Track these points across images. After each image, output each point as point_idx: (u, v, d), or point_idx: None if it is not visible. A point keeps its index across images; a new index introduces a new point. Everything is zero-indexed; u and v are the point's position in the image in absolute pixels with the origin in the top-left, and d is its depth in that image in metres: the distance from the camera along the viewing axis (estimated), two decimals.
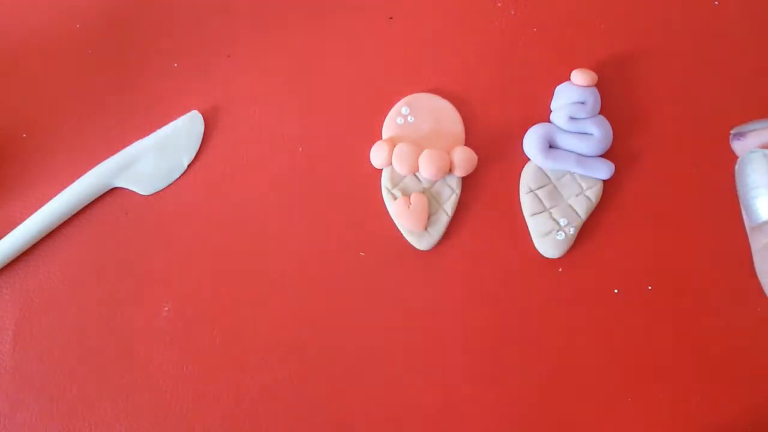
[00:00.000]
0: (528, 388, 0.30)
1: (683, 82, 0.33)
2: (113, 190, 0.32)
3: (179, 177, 0.32)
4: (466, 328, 0.31)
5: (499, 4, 0.33)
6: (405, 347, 0.31)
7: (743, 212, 0.21)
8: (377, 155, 0.31)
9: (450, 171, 0.31)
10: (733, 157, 0.22)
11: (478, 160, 0.31)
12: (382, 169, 0.32)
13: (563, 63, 0.32)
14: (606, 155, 0.31)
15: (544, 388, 0.30)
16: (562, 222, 0.31)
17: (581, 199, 0.31)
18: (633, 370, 0.31)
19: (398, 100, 0.32)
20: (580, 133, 0.31)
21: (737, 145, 0.22)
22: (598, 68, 0.32)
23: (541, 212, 0.31)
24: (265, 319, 0.31)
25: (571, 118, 0.31)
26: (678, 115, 0.32)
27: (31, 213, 0.31)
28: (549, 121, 0.32)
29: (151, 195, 0.32)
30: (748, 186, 0.21)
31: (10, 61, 0.33)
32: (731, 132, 0.22)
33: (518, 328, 0.31)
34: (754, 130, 0.21)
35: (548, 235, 0.31)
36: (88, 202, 0.31)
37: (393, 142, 0.31)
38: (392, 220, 0.31)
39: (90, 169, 0.31)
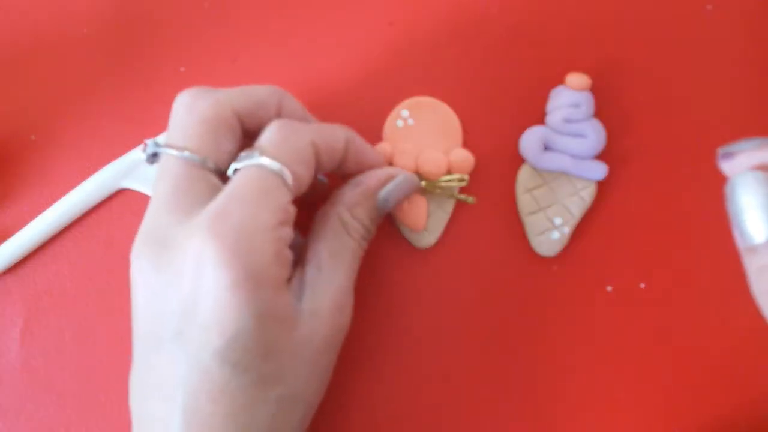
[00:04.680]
0: (523, 384, 0.31)
1: (676, 85, 0.33)
2: (121, 191, 0.32)
3: None
4: (463, 326, 0.31)
5: (495, 10, 0.34)
6: (403, 346, 0.31)
7: (736, 233, 0.21)
8: None
9: (448, 172, 0.31)
10: None
11: (476, 161, 0.31)
12: None
13: (558, 67, 0.32)
14: (599, 157, 0.31)
15: (538, 385, 0.31)
16: (557, 221, 0.31)
17: (575, 199, 0.31)
18: (626, 367, 0.31)
19: (398, 103, 0.32)
20: (574, 135, 0.31)
21: (725, 166, 0.21)
22: (592, 72, 0.32)
23: (537, 212, 0.31)
24: None
25: (566, 121, 0.31)
26: (670, 118, 0.32)
27: (40, 213, 0.31)
28: (544, 124, 0.32)
29: None
30: (739, 208, 0.20)
31: (19, 65, 0.33)
32: (719, 152, 0.22)
33: (514, 325, 0.31)
34: (742, 150, 0.21)
35: (543, 234, 0.31)
36: (97, 202, 0.32)
37: (393, 144, 0.31)
38: (392, 219, 0.31)
39: (98, 171, 0.32)
